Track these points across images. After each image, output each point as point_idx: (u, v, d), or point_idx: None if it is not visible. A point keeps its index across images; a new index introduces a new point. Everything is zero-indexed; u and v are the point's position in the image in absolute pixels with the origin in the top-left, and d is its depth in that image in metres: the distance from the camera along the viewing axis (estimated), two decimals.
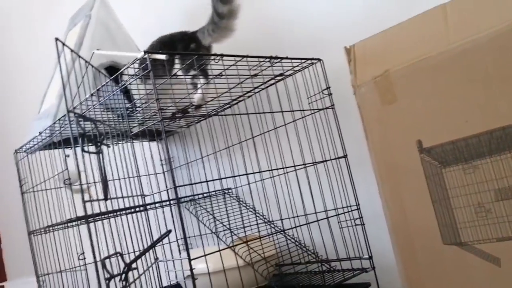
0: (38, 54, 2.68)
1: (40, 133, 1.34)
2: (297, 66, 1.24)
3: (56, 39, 0.86)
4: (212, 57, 1.05)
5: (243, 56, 1.09)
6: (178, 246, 1.69)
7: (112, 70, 1.58)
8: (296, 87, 1.28)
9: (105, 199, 0.87)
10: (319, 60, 1.25)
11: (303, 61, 1.22)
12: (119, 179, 1.26)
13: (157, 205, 1.52)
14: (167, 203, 1.55)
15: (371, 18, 1.25)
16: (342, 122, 1.24)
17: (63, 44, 0.86)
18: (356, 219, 1.21)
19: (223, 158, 1.52)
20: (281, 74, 1.26)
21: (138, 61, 0.93)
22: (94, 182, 0.98)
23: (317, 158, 1.24)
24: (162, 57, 0.89)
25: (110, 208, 1.11)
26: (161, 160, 1.81)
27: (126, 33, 1.64)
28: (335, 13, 1.33)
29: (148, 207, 1.41)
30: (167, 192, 1.74)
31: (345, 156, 1.22)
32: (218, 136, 1.49)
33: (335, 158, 1.23)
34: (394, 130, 1.03)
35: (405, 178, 1.01)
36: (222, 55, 1.04)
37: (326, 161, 1.23)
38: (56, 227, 1.38)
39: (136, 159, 1.25)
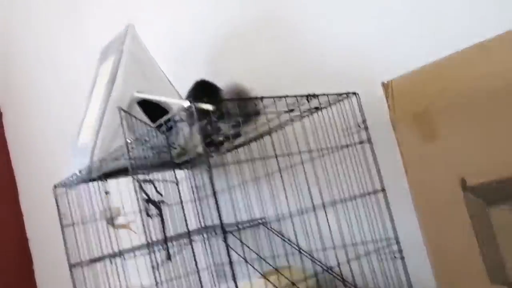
0: (65, 86, 2.71)
1: (80, 172, 1.36)
2: (333, 100, 1.25)
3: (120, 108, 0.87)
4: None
5: (282, 96, 1.10)
6: (212, 275, 1.70)
7: (145, 103, 1.61)
8: (332, 119, 1.28)
9: (169, 259, 0.88)
10: (354, 93, 1.26)
11: (339, 96, 1.23)
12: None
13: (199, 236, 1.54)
14: (211, 233, 1.57)
15: (409, 53, 1.25)
16: (378, 155, 1.25)
17: (125, 112, 0.88)
18: (396, 252, 1.20)
19: (262, 187, 1.51)
20: (316, 108, 1.27)
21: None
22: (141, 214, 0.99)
23: (354, 191, 1.25)
24: (210, 107, 0.90)
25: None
26: (192, 188, 1.82)
27: (157, 66, 1.66)
28: (371, 47, 1.33)
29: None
30: (199, 221, 1.74)
31: (383, 190, 1.22)
32: (257, 164, 1.49)
33: (373, 192, 1.23)
34: (435, 167, 1.03)
35: (448, 216, 1.01)
36: (262, 98, 1.06)
37: (364, 195, 1.23)
38: (101, 260, 1.40)
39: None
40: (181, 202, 1.23)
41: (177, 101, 1.05)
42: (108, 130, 1.47)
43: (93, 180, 1.43)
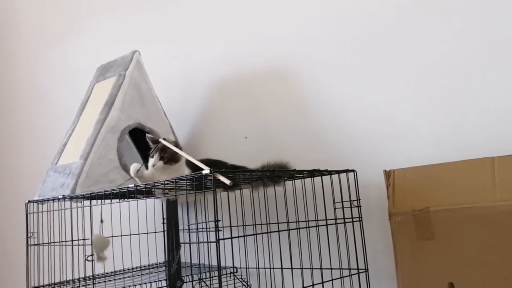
0: (42, 102, 2.61)
1: (64, 197, 1.32)
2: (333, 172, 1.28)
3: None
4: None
5: (292, 171, 1.13)
6: None
7: (137, 131, 1.59)
8: (328, 192, 1.30)
9: None
10: (353, 171, 1.29)
11: (340, 173, 1.26)
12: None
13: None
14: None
15: (416, 150, 1.30)
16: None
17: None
18: None
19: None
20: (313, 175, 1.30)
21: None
22: None
23: (334, 264, 1.26)
24: (226, 182, 0.90)
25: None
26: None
27: (155, 94, 1.64)
28: (381, 133, 1.38)
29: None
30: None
31: (366, 270, 1.25)
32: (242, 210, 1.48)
33: (357, 270, 1.25)
34: (427, 266, 1.07)
35: None
36: (279, 171, 1.08)
37: (343, 269, 1.25)
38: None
39: None
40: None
41: (200, 164, 1.04)
42: (99, 154, 1.44)
43: (76, 198, 1.38)
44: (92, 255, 1.24)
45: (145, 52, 1.66)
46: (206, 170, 0.91)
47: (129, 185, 1.16)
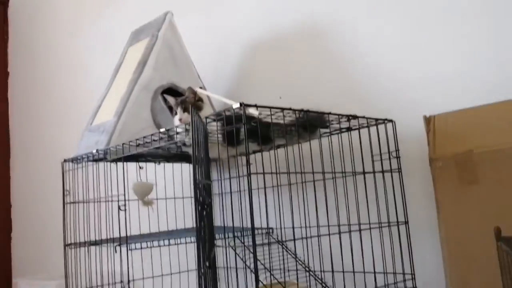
0: (89, 62, 2.65)
1: (97, 151, 1.32)
2: (370, 123, 1.23)
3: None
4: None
5: (326, 113, 1.08)
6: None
7: (171, 91, 1.58)
8: (366, 143, 1.25)
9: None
10: (391, 121, 1.24)
11: (377, 121, 1.21)
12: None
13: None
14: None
15: (453, 92, 1.24)
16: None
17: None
18: None
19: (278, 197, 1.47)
20: (348, 128, 1.25)
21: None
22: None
23: (372, 219, 1.22)
24: (256, 113, 0.87)
25: None
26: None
27: (188, 56, 1.63)
28: (417, 79, 1.32)
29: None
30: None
31: (406, 223, 1.20)
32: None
33: (396, 224, 1.20)
34: (471, 211, 1.01)
35: (476, 264, 0.99)
36: (308, 111, 1.04)
37: (382, 224, 1.20)
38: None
39: None
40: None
41: (229, 101, 1.03)
42: (132, 112, 1.43)
43: (113, 161, 1.38)
44: (125, 204, 1.24)
45: (179, 17, 1.65)
46: (236, 104, 0.89)
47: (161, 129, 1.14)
